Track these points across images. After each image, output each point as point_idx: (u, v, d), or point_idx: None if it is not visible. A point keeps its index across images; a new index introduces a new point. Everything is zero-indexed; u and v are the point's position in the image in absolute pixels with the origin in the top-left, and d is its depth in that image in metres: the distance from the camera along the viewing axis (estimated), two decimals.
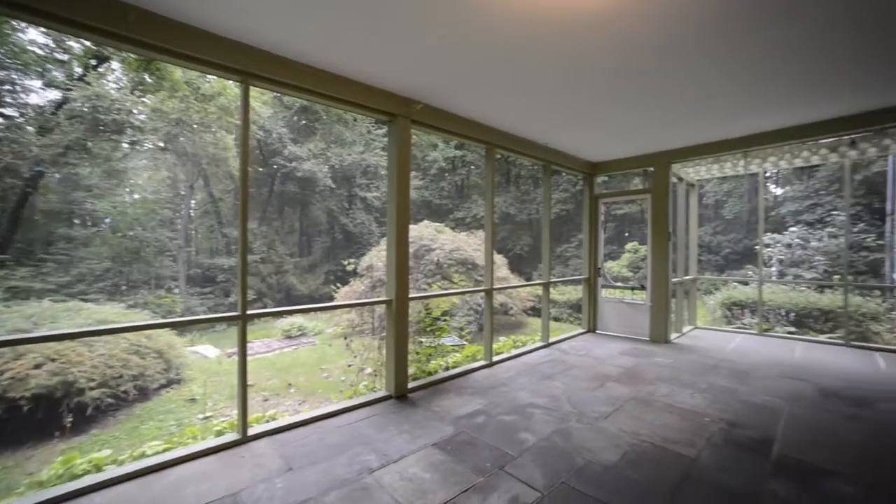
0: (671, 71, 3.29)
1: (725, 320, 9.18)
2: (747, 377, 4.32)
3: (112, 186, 12.87)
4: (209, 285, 15.20)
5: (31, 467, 4.07)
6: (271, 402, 5.74)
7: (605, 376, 4.38)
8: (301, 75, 3.13)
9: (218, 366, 7.57)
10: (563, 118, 4.46)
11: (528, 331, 9.47)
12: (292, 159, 16.47)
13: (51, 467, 2.70)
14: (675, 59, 3.10)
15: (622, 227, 20.16)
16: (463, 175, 21.85)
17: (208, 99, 13.27)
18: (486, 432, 3.08)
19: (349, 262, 7.42)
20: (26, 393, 4.49)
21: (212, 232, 17.24)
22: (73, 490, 2.30)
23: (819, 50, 2.97)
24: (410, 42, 2.84)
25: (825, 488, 2.35)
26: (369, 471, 2.55)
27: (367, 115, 3.79)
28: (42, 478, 2.64)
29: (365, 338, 5.97)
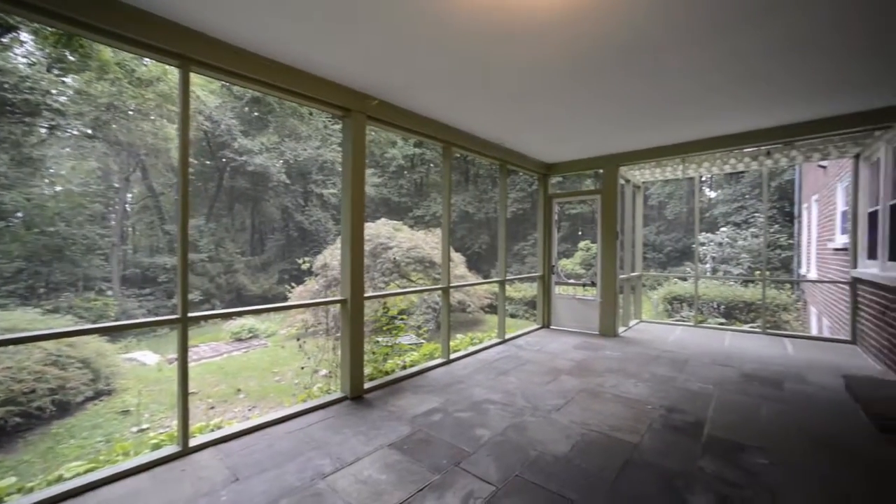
0: (619, 79, 3.47)
1: (667, 313, 9.89)
2: (684, 366, 4.67)
3: (24, 176, 11.43)
4: (149, 286, 14.05)
5: None
6: (218, 409, 5.42)
7: (557, 370, 4.55)
8: (249, 64, 2.96)
9: (157, 373, 7.03)
10: (519, 119, 4.57)
11: (485, 328, 9.64)
12: (243, 153, 15.60)
13: None
14: (622, 69, 3.27)
15: (576, 227, 21.07)
16: (422, 173, 21.80)
17: (145, 84, 12.22)
18: (443, 430, 3.09)
19: (304, 260, 7.16)
20: None
21: (152, 229, 15.96)
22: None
23: (739, 70, 3.26)
24: (368, 36, 2.78)
25: (744, 462, 2.60)
26: (322, 476, 2.48)
27: (321, 109, 3.67)
28: None
29: (320, 338, 5.79)
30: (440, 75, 3.41)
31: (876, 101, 4.10)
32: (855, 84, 3.66)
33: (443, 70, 3.30)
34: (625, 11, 2.50)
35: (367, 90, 3.70)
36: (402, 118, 4.17)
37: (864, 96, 3.97)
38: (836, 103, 4.16)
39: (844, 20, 2.61)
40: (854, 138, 4.97)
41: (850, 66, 3.28)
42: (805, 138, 4.91)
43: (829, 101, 4.11)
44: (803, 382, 4.09)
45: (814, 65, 3.24)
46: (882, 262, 4.57)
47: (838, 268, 6.71)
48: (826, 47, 2.95)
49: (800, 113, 4.45)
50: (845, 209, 6.36)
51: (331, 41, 2.85)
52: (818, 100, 4.05)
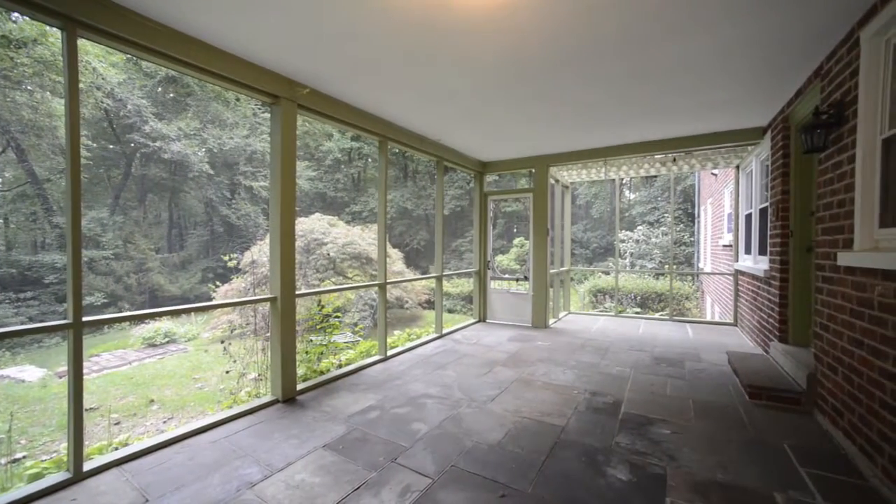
0: (551, 82, 3.67)
1: (592, 305, 10.73)
2: (606, 352, 5.11)
3: None
4: (31, 288, 12.03)
5: None
6: (125, 424, 4.82)
7: (493, 362, 4.73)
8: (154, 35, 2.63)
9: (42, 391, 6.05)
10: (455, 116, 4.64)
11: (423, 323, 9.70)
12: (156, 138, 13.96)
13: None
14: (553, 73, 3.46)
15: (511, 224, 21.96)
16: (360, 168, 21.24)
17: (15, 45, 10.31)
18: (380, 427, 3.06)
19: (231, 257, 6.61)
20: None
21: (34, 221, 13.66)
22: None
23: (650, 83, 3.63)
24: (298, 19, 2.62)
25: (652, 434, 2.92)
26: (249, 485, 2.32)
27: (247, 94, 3.40)
28: None
29: (248, 340, 5.40)
30: (375, 67, 3.34)
31: (750, 120, 4.86)
32: (736, 105, 4.29)
33: (377, 61, 3.24)
34: (553, 14, 2.65)
35: (298, 77, 3.51)
36: (336, 109, 4.02)
37: (744, 115, 4.68)
38: (722, 120, 4.88)
39: (730, 50, 3.02)
40: (735, 151, 5.86)
41: (733, 89, 3.82)
42: (700, 148, 5.70)
43: (716, 119, 4.81)
44: (699, 361, 4.70)
45: (704, 85, 3.71)
46: (754, 255, 5.40)
47: (726, 261, 7.81)
48: (713, 71, 3.39)
49: (696, 126, 5.13)
50: (730, 211, 7.39)
51: (255, 21, 2.65)
52: (708, 117, 4.71)
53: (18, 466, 3.34)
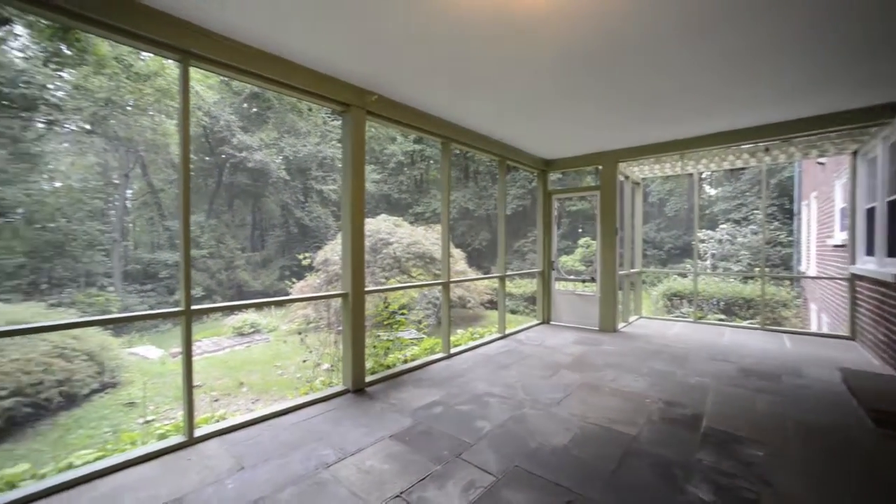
0: (620, 74, 3.49)
1: (666, 310, 9.94)
2: (684, 361, 4.71)
3: (23, 171, 11.40)
4: (150, 282, 14.08)
5: None
6: (222, 401, 5.47)
7: (557, 364, 4.60)
8: (248, 58, 2.97)
9: (161, 367, 7.08)
10: (518, 115, 4.59)
11: (485, 323, 9.70)
12: (242, 149, 15.59)
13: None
14: (623, 64, 3.29)
15: (576, 223, 21.09)
16: (422, 169, 21.79)
17: (143, 79, 12.16)
18: (444, 422, 3.13)
19: (305, 256, 7.19)
20: None
21: (152, 225, 15.97)
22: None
23: (737, 66, 3.28)
24: (367, 30, 2.79)
25: (741, 454, 2.64)
26: (325, 465, 2.52)
27: (320, 104, 3.68)
28: None
29: (321, 333, 5.83)
30: (439, 71, 3.42)
31: (873, 97, 4.12)
32: (852, 81, 3.68)
33: (441, 65, 3.32)
34: (624, 5, 2.52)
35: (367, 85, 3.72)
36: (402, 113, 4.18)
37: (863, 93, 4.00)
38: (833, 100, 4.19)
39: (841, 18, 2.63)
40: (851, 135, 4.98)
41: (848, 63, 3.30)
42: (803, 135, 4.94)
43: (826, 98, 4.13)
44: (800, 376, 4.14)
45: (811, 61, 3.26)
46: (880, 257, 4.60)
47: (837, 264, 6.75)
48: (823, 44, 2.97)
49: (797, 110, 4.48)
50: (844, 206, 6.38)
51: (330, 36, 2.87)
52: (815, 96, 4.07)
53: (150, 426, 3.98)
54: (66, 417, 4.95)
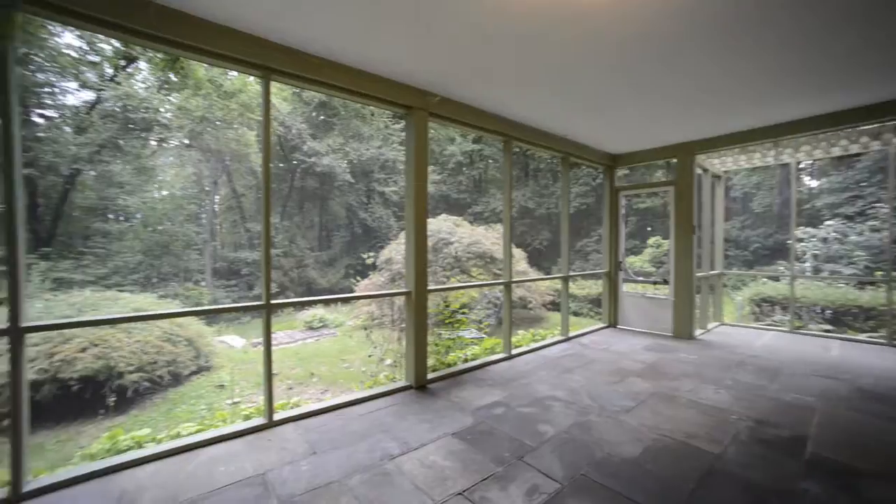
0: (694, 57, 3.19)
1: (754, 317, 8.88)
2: (777, 375, 4.18)
3: (142, 183, 13.36)
4: (234, 278, 15.66)
5: (83, 441, 4.44)
6: (295, 390, 5.92)
7: (626, 371, 4.32)
8: (320, 69, 3.17)
9: (244, 355, 7.84)
10: (582, 108, 4.38)
11: (547, 325, 9.42)
12: (311, 154, 16.72)
13: (98, 442, 2.89)
14: (698, 45, 3.00)
15: (644, 222, 19.69)
16: (481, 169, 21.74)
17: (230, 96, 13.55)
18: (506, 423, 3.09)
19: (368, 255, 7.53)
20: (74, 374, 4.88)
21: (235, 226, 17.73)
22: (119, 463, 2.48)
23: (858, 31, 2.81)
24: (427, 34, 2.84)
25: (865, 490, 2.26)
26: (390, 457, 2.61)
27: (385, 107, 3.82)
28: (91, 451, 2.83)
29: (385, 330, 6.07)
30: (502, 68, 3.38)
31: None
32: None
33: (504, 63, 3.28)
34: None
35: (429, 87, 3.78)
36: (463, 113, 4.20)
37: None
38: None
39: None
40: None
41: None
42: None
43: None
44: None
45: None
46: None
47: None
48: None
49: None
50: None
51: (394, 40, 2.96)
52: None
53: (236, 407, 4.46)
54: (173, 393, 5.74)
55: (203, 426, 3.15)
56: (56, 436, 4.63)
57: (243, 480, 2.35)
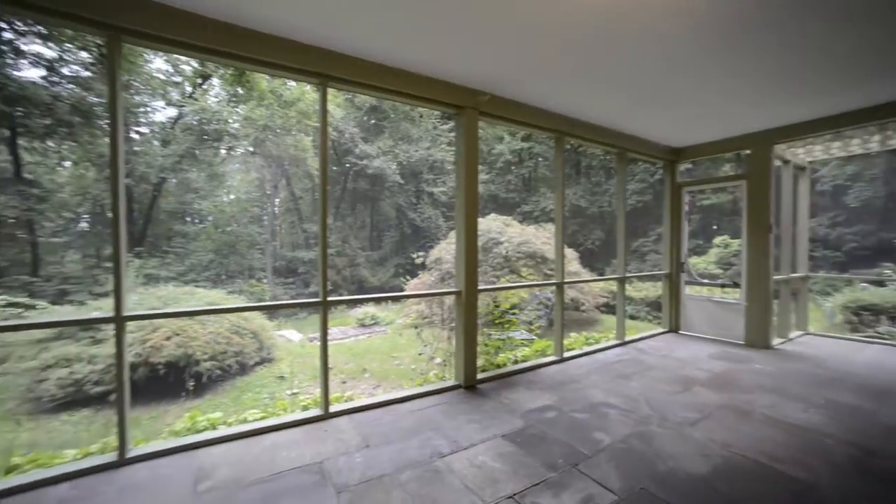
0: (776, 35, 2.87)
1: (850, 327, 7.84)
2: (886, 396, 3.64)
3: (213, 188, 14.72)
4: (291, 276, 16.64)
5: (168, 419, 4.99)
6: (348, 384, 6.17)
7: (690, 380, 4.01)
8: (373, 73, 3.26)
9: (301, 349, 8.31)
10: (642, 101, 4.13)
11: (600, 328, 9.00)
12: (363, 157, 17.32)
13: (181, 421, 3.22)
14: (780, 23, 2.69)
15: (709, 220, 18.19)
16: (530, 168, 21.31)
17: (289, 105, 14.43)
18: (558, 428, 2.99)
19: (418, 255, 7.67)
20: (161, 360, 5.52)
21: (293, 227, 18.84)
22: (197, 441, 2.74)
23: None
24: (478, 34, 2.82)
25: None
26: (440, 455, 2.63)
27: (436, 108, 3.85)
28: (176, 428, 3.16)
29: (435, 328, 6.15)
30: (554, 63, 3.27)
31: None
32: None
33: (557, 58, 3.17)
34: None
35: (479, 86, 3.76)
36: (514, 111, 4.13)
37: None
38: None
39: None
40: None
41: None
42: None
43: None
44: None
45: None
46: None
47: None
48: None
49: None
50: None
51: (445, 42, 2.97)
52: None
53: (295, 398, 4.75)
54: (240, 381, 6.26)
55: (266, 413, 3.38)
56: (148, 412, 5.24)
57: (302, 467, 2.48)
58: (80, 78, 11.13)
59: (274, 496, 2.20)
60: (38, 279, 10.62)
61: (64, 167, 13.00)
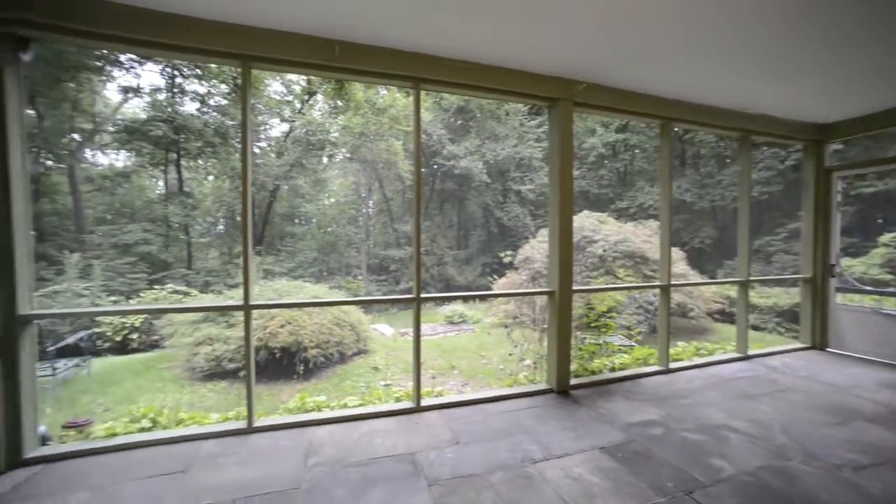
0: None
1: None
2: None
3: (316, 193, 16.43)
4: (383, 273, 17.72)
5: (283, 398, 5.66)
6: (437, 379, 6.35)
7: (849, 411, 3.26)
8: (464, 72, 3.26)
9: (393, 343, 8.79)
10: (773, 70, 3.46)
11: (714, 338, 7.88)
12: (450, 158, 17.68)
13: (293, 400, 3.63)
14: None
15: (869, 212, 14.74)
16: (626, 160, 19.65)
17: (381, 112, 15.39)
18: (665, 447, 2.67)
19: (505, 254, 7.56)
20: (277, 345, 6.28)
21: (385, 227, 20.04)
22: (306, 420, 3.05)
23: None
24: (573, 22, 2.64)
25: None
26: (532, 461, 2.53)
27: (528, 102, 3.73)
28: (289, 406, 3.58)
29: (524, 329, 6.00)
30: (661, 39, 2.91)
31: None
32: None
33: (663, 36, 2.81)
34: None
35: (574, 75, 3.53)
36: (613, 98, 3.80)
37: None
38: None
39: None
40: None
41: None
42: None
43: None
44: None
45: None
46: None
47: None
48: None
49: None
50: None
51: (540, 35, 2.84)
52: None
53: (388, 389, 5.05)
54: (340, 370, 6.86)
55: (363, 401, 3.62)
56: (268, 390, 6.05)
57: (396, 456, 2.59)
58: (221, 106, 13.39)
59: (371, 479, 2.33)
60: (191, 272, 13.00)
61: (208, 180, 15.77)
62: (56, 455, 2.55)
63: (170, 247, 13.04)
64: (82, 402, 5.55)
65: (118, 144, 12.81)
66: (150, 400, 5.44)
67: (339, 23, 2.71)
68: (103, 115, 14.08)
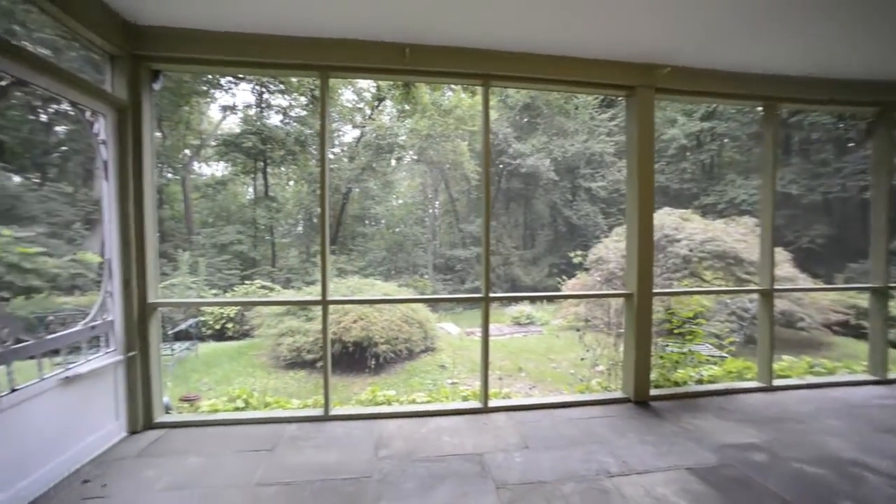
0: None
1: None
2: None
3: (385, 194, 17.13)
4: (449, 273, 17.92)
5: (355, 389, 5.98)
6: (504, 381, 6.23)
7: None
8: (535, 66, 3.15)
9: (459, 342, 8.84)
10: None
11: (833, 353, 6.72)
12: (516, 157, 17.35)
13: (365, 393, 3.80)
14: None
15: None
16: (713, 151, 17.69)
17: (447, 113, 15.58)
18: (770, 477, 2.33)
19: (575, 254, 7.20)
20: (350, 339, 6.66)
21: (451, 227, 20.26)
22: (377, 412, 3.17)
23: None
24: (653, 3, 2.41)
25: None
26: (607, 474, 2.36)
27: (602, 93, 3.51)
28: (361, 398, 3.75)
29: (596, 333, 5.66)
30: (770, 4, 2.54)
31: None
32: None
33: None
34: None
35: (655, 59, 3.24)
36: (702, 82, 3.42)
37: None
38: None
39: None
40: None
41: None
42: None
43: None
44: None
45: None
46: None
47: None
48: None
49: None
50: None
51: (613, 21, 2.64)
52: None
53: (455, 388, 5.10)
54: (408, 366, 7.07)
55: (431, 398, 3.67)
56: (341, 381, 6.44)
57: (464, 455, 2.57)
58: (300, 116, 14.64)
59: (439, 476, 2.34)
60: (275, 269, 14.35)
61: (289, 185, 17.29)
62: (175, 423, 2.98)
63: (258, 246, 14.56)
64: (192, 379, 6.38)
65: (218, 156, 14.75)
66: (243, 383, 6.10)
67: (410, 27, 2.77)
68: (207, 132, 16.19)
